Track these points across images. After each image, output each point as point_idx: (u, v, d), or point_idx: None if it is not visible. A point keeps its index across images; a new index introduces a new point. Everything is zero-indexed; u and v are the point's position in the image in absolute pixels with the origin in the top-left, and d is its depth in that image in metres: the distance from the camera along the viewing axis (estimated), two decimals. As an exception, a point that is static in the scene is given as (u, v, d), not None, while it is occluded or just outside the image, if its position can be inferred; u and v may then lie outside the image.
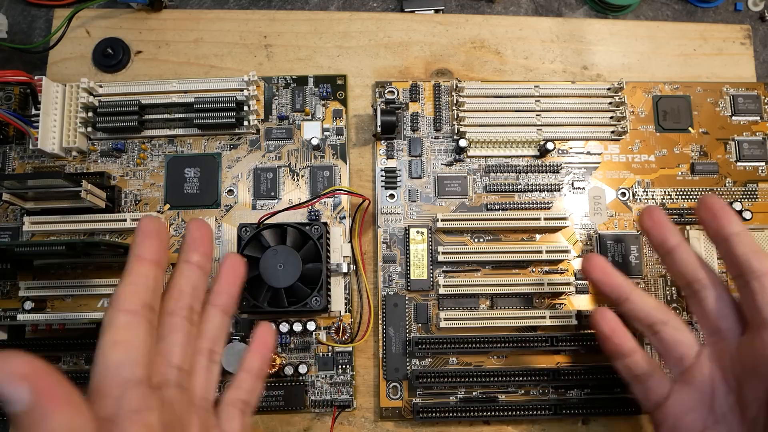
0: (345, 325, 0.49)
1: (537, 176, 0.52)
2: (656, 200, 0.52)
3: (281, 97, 0.52)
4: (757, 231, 0.50)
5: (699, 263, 0.41)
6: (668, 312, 0.41)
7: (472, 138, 0.50)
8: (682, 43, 0.56)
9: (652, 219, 0.42)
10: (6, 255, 0.45)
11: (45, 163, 0.51)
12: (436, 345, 0.47)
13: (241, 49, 0.54)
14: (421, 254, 0.49)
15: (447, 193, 0.51)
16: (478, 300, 0.49)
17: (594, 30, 0.56)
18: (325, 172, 0.51)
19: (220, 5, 0.57)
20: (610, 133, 0.52)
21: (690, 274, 0.40)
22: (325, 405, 0.48)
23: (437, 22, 0.55)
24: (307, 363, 0.48)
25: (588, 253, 0.47)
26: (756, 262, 0.38)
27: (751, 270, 0.37)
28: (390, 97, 0.52)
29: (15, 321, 0.47)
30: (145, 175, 0.51)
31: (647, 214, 0.42)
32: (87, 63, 0.54)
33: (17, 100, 0.51)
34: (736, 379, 0.38)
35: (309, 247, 0.46)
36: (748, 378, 0.37)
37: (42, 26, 0.57)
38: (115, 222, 0.48)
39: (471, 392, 0.48)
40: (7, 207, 0.50)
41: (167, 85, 0.51)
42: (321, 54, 0.54)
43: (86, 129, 0.51)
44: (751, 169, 0.53)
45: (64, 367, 0.48)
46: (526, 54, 0.55)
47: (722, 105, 0.54)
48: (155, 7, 0.55)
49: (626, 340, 0.42)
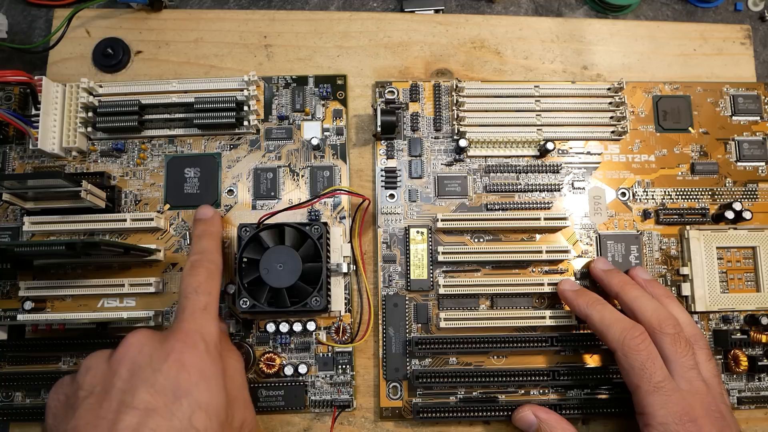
0: (345, 325, 0.49)
1: (537, 176, 0.52)
2: (656, 200, 0.52)
3: (281, 97, 0.52)
4: (757, 231, 0.50)
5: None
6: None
7: (472, 138, 0.50)
8: (682, 43, 0.56)
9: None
10: (6, 255, 0.44)
11: (45, 163, 0.51)
12: (436, 345, 0.47)
13: (241, 49, 0.54)
14: (421, 254, 0.49)
15: (447, 193, 0.51)
16: (478, 300, 0.49)
17: (594, 30, 0.56)
18: (325, 172, 0.51)
19: (220, 5, 0.57)
20: (610, 133, 0.52)
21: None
22: (325, 405, 0.48)
23: (437, 22, 0.55)
24: (307, 363, 0.48)
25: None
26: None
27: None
28: (390, 97, 0.52)
29: (15, 321, 0.47)
30: (145, 175, 0.51)
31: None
32: (87, 63, 0.54)
33: (17, 100, 0.51)
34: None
35: (309, 247, 0.46)
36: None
37: (42, 26, 0.57)
38: (115, 222, 0.48)
39: (471, 392, 0.48)
40: (7, 207, 0.50)
41: (167, 85, 0.51)
42: (321, 54, 0.54)
43: (86, 129, 0.51)
44: (751, 169, 0.53)
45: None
46: (526, 54, 0.55)
47: (722, 105, 0.54)
48: (155, 7, 0.55)
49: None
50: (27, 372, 0.47)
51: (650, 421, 0.40)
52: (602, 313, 0.43)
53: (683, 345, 0.42)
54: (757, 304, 0.49)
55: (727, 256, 0.50)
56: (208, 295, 0.41)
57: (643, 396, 0.40)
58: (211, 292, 0.41)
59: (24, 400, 0.48)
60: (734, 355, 0.49)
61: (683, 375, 0.41)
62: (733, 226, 0.51)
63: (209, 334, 0.38)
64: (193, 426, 0.33)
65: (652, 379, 0.40)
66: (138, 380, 0.34)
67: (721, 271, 0.50)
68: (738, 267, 0.50)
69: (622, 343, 0.41)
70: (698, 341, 0.43)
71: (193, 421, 0.34)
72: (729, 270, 0.50)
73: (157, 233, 0.50)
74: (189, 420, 0.33)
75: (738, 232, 0.50)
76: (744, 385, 0.50)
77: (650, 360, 0.41)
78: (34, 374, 0.47)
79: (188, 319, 0.39)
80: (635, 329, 0.42)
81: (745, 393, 0.49)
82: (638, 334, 0.41)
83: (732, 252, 0.51)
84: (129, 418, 0.32)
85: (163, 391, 0.34)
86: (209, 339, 0.38)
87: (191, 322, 0.38)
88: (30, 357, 0.48)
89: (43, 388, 0.48)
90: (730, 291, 0.50)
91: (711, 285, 0.49)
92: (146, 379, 0.34)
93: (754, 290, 0.50)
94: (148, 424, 0.32)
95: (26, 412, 0.47)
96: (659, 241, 0.51)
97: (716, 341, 0.49)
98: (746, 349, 0.49)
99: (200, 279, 0.41)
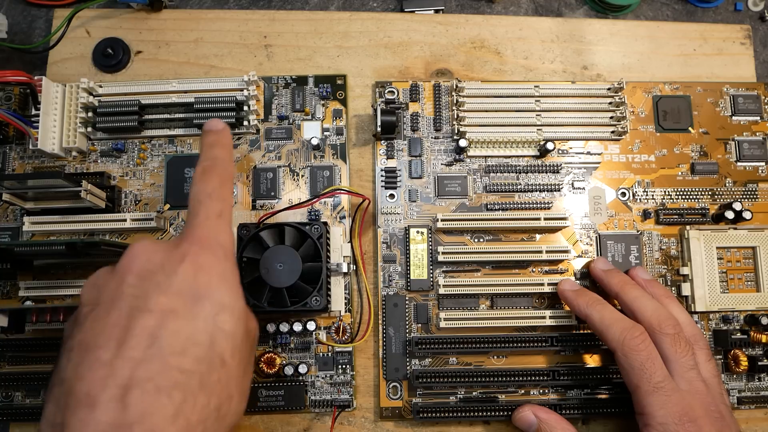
0: (345, 324, 0.49)
1: (537, 176, 0.52)
2: (656, 200, 0.52)
3: (281, 97, 0.52)
4: (757, 231, 0.50)
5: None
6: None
7: (472, 138, 0.50)
8: (682, 43, 0.56)
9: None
10: (6, 255, 0.45)
11: (45, 163, 0.51)
12: (436, 345, 0.47)
13: (241, 49, 0.54)
14: (421, 254, 0.49)
15: (447, 193, 0.51)
16: (478, 300, 0.49)
17: (594, 30, 0.56)
18: (325, 172, 0.51)
19: (220, 5, 0.57)
20: (610, 133, 0.52)
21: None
22: (325, 405, 0.48)
23: (437, 22, 0.55)
24: (307, 363, 0.48)
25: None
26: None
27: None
28: (390, 97, 0.52)
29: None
30: (145, 175, 0.51)
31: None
32: (87, 63, 0.54)
33: (17, 100, 0.51)
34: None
35: (309, 247, 0.46)
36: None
37: (42, 26, 0.57)
38: (115, 222, 0.48)
39: (471, 392, 0.48)
40: (7, 207, 0.50)
41: (167, 85, 0.51)
42: (321, 54, 0.54)
43: (86, 129, 0.51)
44: (751, 169, 0.53)
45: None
46: (526, 54, 0.55)
47: (722, 105, 0.54)
48: (155, 7, 0.55)
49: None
50: (27, 372, 0.47)
51: (650, 421, 0.40)
52: (602, 313, 0.43)
53: (683, 345, 0.42)
54: (757, 304, 0.49)
55: (727, 256, 0.50)
56: (222, 202, 0.36)
57: (642, 396, 0.40)
58: (226, 199, 0.37)
59: (24, 400, 0.48)
60: (734, 355, 0.49)
61: (683, 375, 0.41)
62: (733, 226, 0.51)
63: (226, 242, 0.35)
64: (219, 327, 0.30)
65: (652, 380, 0.40)
66: (151, 284, 0.31)
67: (721, 271, 0.50)
68: (738, 267, 0.50)
69: (621, 343, 0.41)
70: (698, 341, 0.43)
71: (219, 322, 0.30)
72: (729, 270, 0.50)
73: (157, 233, 0.50)
74: (214, 321, 0.30)
75: (738, 232, 0.50)
76: (744, 385, 0.50)
77: (650, 360, 0.41)
78: (34, 374, 0.47)
79: (202, 225, 0.34)
80: (635, 329, 0.42)
81: (745, 393, 0.49)
82: (638, 334, 0.41)
83: (732, 252, 0.51)
84: (144, 321, 0.29)
85: (182, 293, 0.30)
86: (226, 247, 0.34)
87: (206, 228, 0.34)
88: (30, 357, 0.48)
89: (43, 388, 0.48)
90: (730, 291, 0.50)
91: (711, 285, 0.49)
92: (160, 283, 0.31)
93: (754, 290, 0.50)
94: (167, 326, 0.29)
95: (26, 412, 0.47)
96: (659, 241, 0.51)
97: (716, 341, 0.49)
98: (746, 349, 0.49)
99: (214, 185, 0.37)
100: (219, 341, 0.30)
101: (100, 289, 0.32)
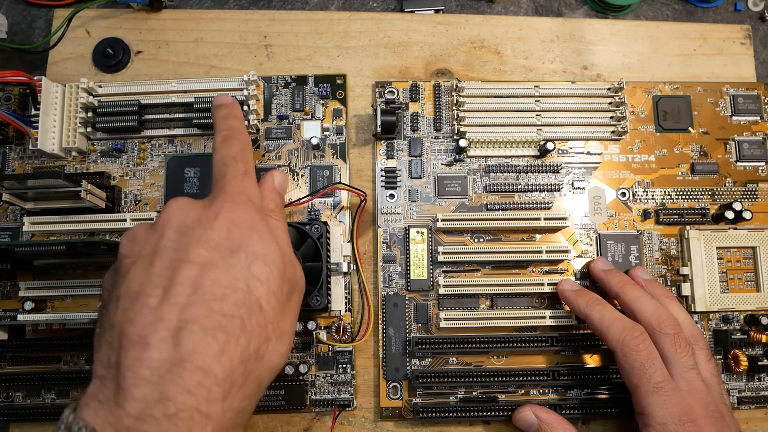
0: (345, 324, 0.49)
1: (537, 176, 0.52)
2: (656, 200, 0.52)
3: (281, 96, 0.52)
4: (757, 231, 0.50)
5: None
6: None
7: (472, 138, 0.50)
8: (682, 43, 0.56)
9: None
10: (6, 255, 0.45)
11: (45, 163, 0.51)
12: (436, 345, 0.47)
13: (241, 49, 0.54)
14: (421, 254, 0.49)
15: (447, 193, 0.51)
16: (478, 300, 0.49)
17: (594, 30, 0.56)
18: (324, 172, 0.51)
19: (220, 5, 0.57)
20: (610, 133, 0.52)
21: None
22: (325, 404, 0.48)
23: (437, 22, 0.55)
24: (307, 362, 0.48)
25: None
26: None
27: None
28: (390, 97, 0.52)
29: (15, 321, 0.47)
30: (145, 175, 0.51)
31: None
32: (87, 63, 0.54)
33: (17, 100, 0.51)
34: None
35: (309, 247, 0.46)
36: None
37: (42, 26, 0.57)
38: (115, 222, 0.48)
39: (471, 392, 0.48)
40: (7, 207, 0.50)
41: (167, 85, 0.51)
42: (321, 54, 0.54)
43: (86, 129, 0.51)
44: (751, 169, 0.53)
45: (65, 368, 0.48)
46: (526, 54, 0.55)
47: (722, 105, 0.54)
48: (155, 7, 0.55)
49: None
50: (27, 372, 0.47)
51: (649, 422, 0.40)
52: (602, 313, 0.44)
53: (683, 345, 0.42)
54: (757, 304, 0.49)
55: (727, 256, 0.50)
56: (246, 163, 0.39)
57: (642, 396, 0.40)
58: (249, 161, 0.40)
59: (24, 400, 0.48)
60: (734, 355, 0.49)
61: (683, 375, 0.41)
62: (733, 226, 0.51)
63: (255, 196, 0.37)
64: (254, 275, 0.32)
65: (652, 380, 0.40)
66: (190, 238, 0.33)
67: (721, 271, 0.50)
68: (738, 267, 0.50)
69: (621, 343, 0.41)
70: (698, 341, 0.43)
71: (253, 271, 0.33)
72: (729, 270, 0.50)
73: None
74: (249, 269, 0.32)
75: (738, 232, 0.50)
76: (744, 385, 0.50)
77: (650, 360, 0.41)
78: (34, 374, 0.47)
79: (231, 182, 0.37)
80: (635, 329, 0.42)
81: (745, 393, 0.49)
82: (638, 335, 0.41)
83: (732, 252, 0.51)
84: (186, 271, 0.31)
85: (219, 246, 0.33)
86: (255, 200, 0.37)
87: (235, 185, 0.37)
88: (30, 357, 0.48)
89: (43, 388, 0.48)
90: (730, 291, 0.50)
91: (711, 285, 0.49)
92: (198, 237, 0.33)
93: (754, 290, 0.50)
94: (208, 275, 0.31)
95: (26, 413, 0.47)
96: (659, 241, 0.51)
97: (716, 341, 0.50)
98: (746, 349, 0.49)
99: (236, 149, 0.40)
100: (255, 288, 0.32)
101: (141, 244, 0.34)
